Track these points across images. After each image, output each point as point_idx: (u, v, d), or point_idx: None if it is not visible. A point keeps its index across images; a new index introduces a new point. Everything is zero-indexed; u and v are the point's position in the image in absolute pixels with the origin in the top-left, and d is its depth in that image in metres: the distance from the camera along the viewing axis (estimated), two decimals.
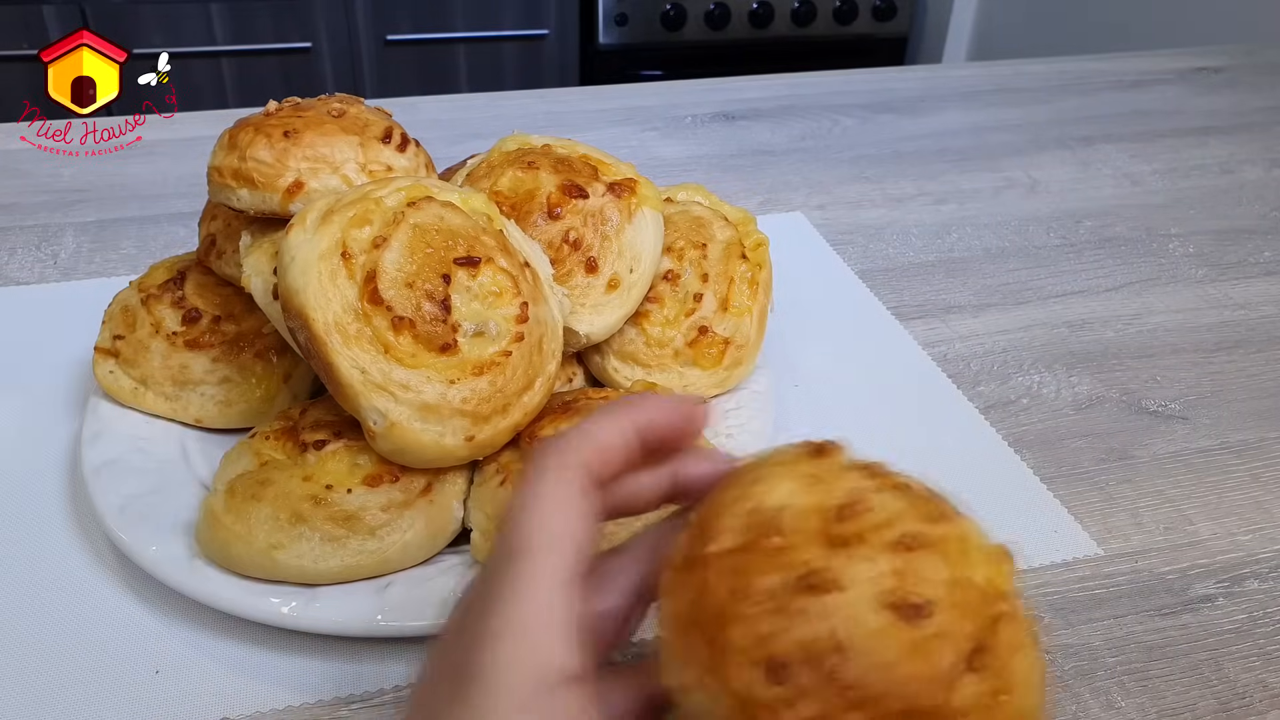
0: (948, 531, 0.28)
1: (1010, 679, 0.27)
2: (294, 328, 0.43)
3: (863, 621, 0.26)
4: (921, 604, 0.26)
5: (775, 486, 0.29)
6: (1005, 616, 0.27)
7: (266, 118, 0.49)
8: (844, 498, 0.28)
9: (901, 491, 0.29)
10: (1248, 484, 0.55)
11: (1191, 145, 1.01)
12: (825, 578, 0.26)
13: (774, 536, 0.27)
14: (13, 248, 0.77)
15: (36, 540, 0.49)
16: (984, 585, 0.28)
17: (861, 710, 0.26)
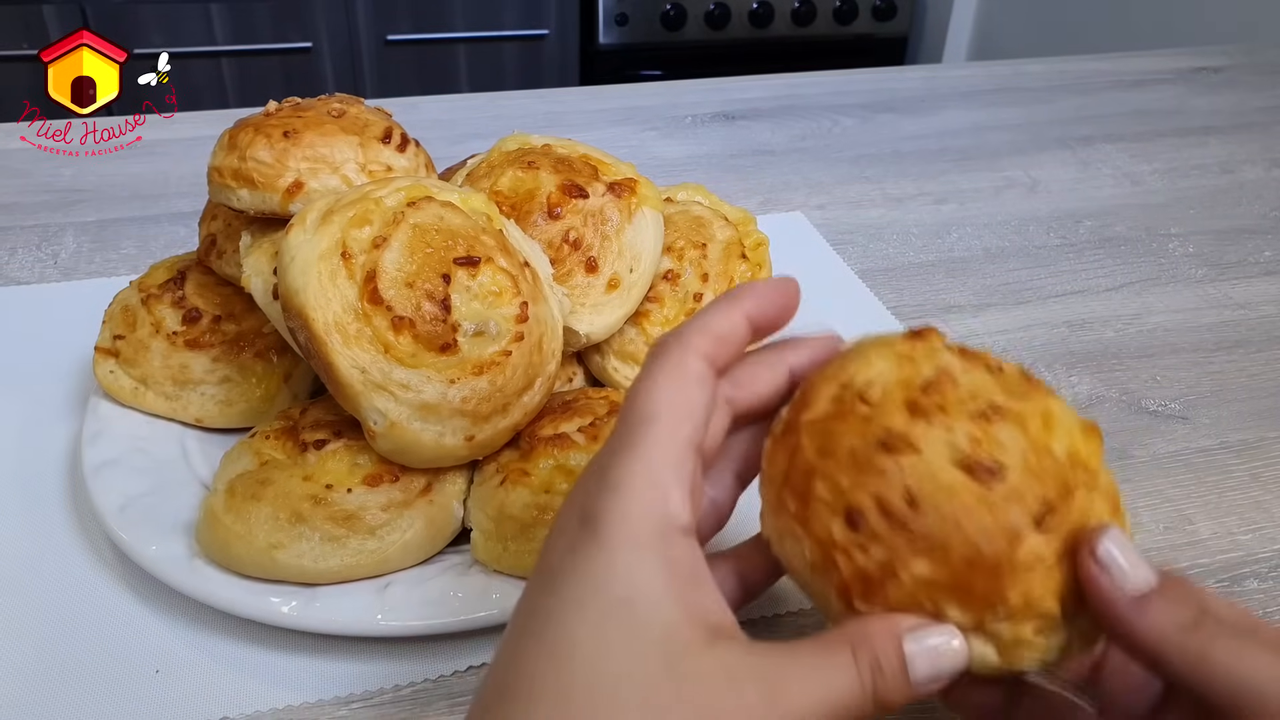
0: (1032, 406, 0.30)
1: (1076, 542, 0.29)
2: (294, 328, 0.43)
3: (935, 478, 0.28)
4: (994, 465, 0.28)
5: (870, 363, 0.32)
6: (1083, 485, 0.29)
7: (266, 118, 0.49)
8: (931, 374, 0.30)
9: (993, 372, 0.31)
10: (1247, 484, 0.55)
11: (1192, 145, 1.01)
12: (903, 440, 0.29)
13: (861, 405, 0.30)
14: (13, 247, 0.77)
15: (37, 540, 0.49)
16: (1063, 456, 0.29)
17: (927, 557, 0.28)
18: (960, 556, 0.28)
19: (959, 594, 0.29)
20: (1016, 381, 0.31)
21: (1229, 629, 0.28)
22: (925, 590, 0.29)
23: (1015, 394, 0.30)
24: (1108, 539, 0.28)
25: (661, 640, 0.26)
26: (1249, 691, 0.27)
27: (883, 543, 0.29)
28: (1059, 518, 0.29)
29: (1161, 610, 0.28)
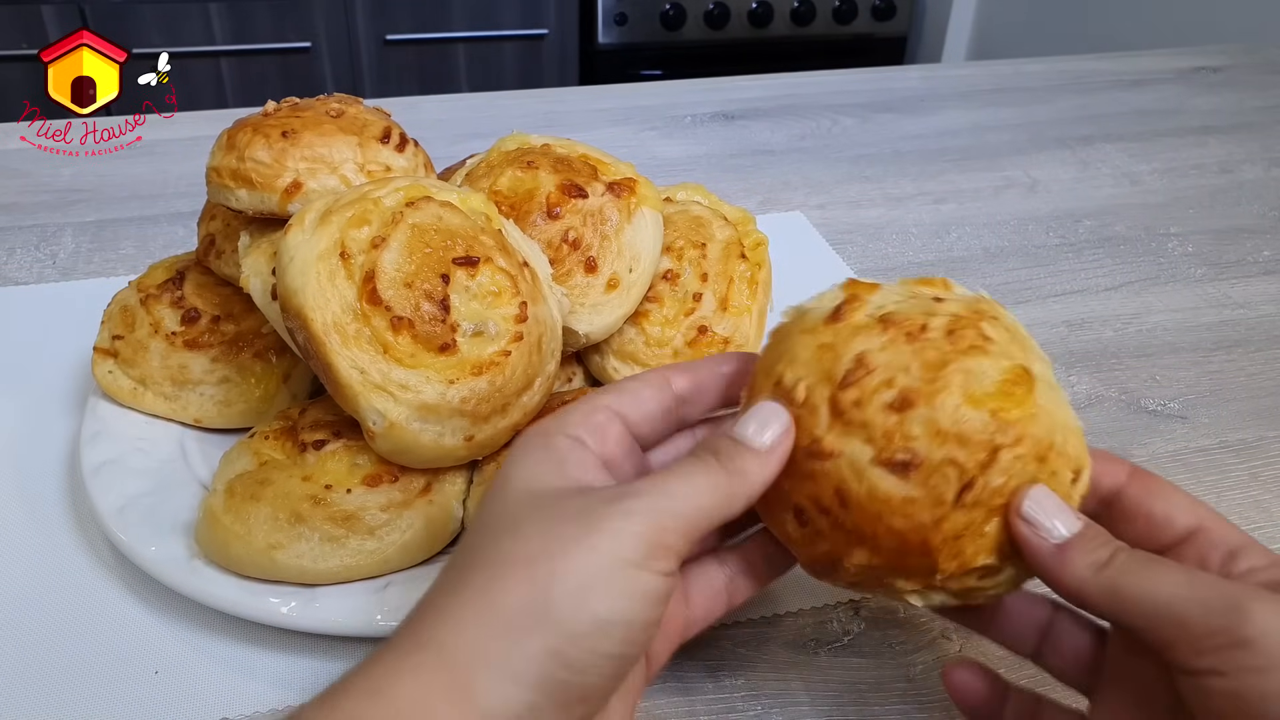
0: (947, 375, 0.31)
1: (1005, 501, 0.32)
2: (293, 328, 0.43)
3: (859, 478, 0.32)
4: (908, 458, 0.31)
5: (795, 358, 0.34)
6: (1005, 446, 0.31)
7: (265, 118, 0.49)
8: (849, 364, 0.32)
9: (914, 339, 0.32)
10: (1246, 483, 0.55)
11: (1191, 145, 1.01)
12: (824, 447, 0.32)
13: (791, 406, 0.33)
14: (12, 247, 0.77)
15: (36, 540, 0.49)
16: (983, 423, 0.31)
17: (863, 547, 0.32)
18: (890, 546, 0.32)
19: (900, 571, 0.33)
20: (938, 344, 0.32)
21: (1138, 560, 0.30)
22: (869, 573, 0.33)
23: (933, 364, 0.32)
24: (1030, 500, 0.31)
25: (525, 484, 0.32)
26: (1160, 609, 0.29)
27: (825, 537, 0.33)
28: (981, 486, 0.31)
29: (1078, 554, 0.31)
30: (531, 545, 0.29)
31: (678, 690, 0.42)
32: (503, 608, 0.28)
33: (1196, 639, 0.28)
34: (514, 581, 0.29)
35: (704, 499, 0.31)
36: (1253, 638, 0.27)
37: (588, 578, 0.29)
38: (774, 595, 0.47)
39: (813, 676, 0.43)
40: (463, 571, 0.30)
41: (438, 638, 0.28)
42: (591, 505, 0.30)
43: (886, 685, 0.43)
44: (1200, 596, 0.28)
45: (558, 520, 0.30)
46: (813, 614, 0.46)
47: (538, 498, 0.31)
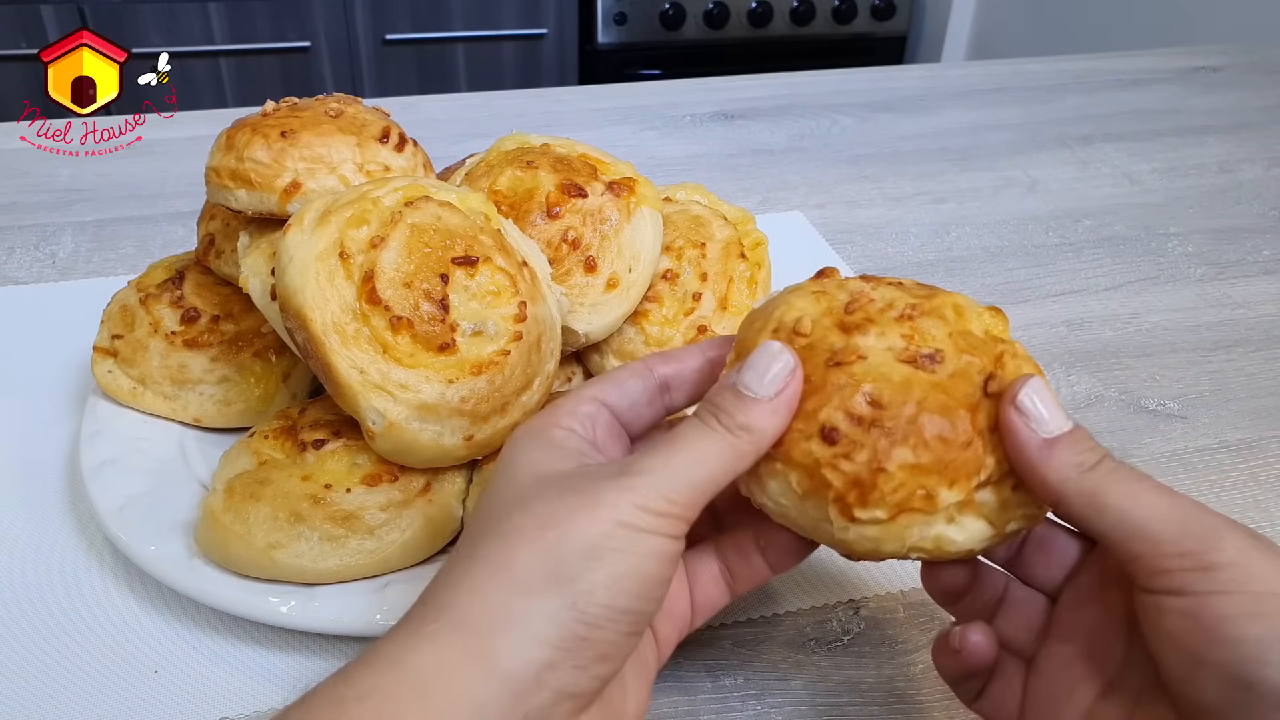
0: (942, 300, 0.34)
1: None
2: (292, 328, 0.43)
3: (888, 377, 0.31)
4: (932, 352, 0.32)
5: (791, 304, 0.34)
6: (1006, 353, 0.33)
7: (264, 118, 0.49)
8: (848, 297, 0.34)
9: (896, 286, 0.35)
10: (1246, 483, 0.55)
11: (1190, 144, 1.01)
12: (849, 351, 0.32)
13: (798, 339, 0.33)
14: (11, 247, 0.77)
15: (35, 540, 0.49)
16: (983, 334, 0.34)
17: (905, 445, 0.31)
18: (935, 436, 0.31)
19: (945, 471, 0.31)
20: (919, 288, 0.35)
21: (1123, 473, 0.30)
22: (914, 476, 0.31)
23: (924, 295, 0.34)
24: (1028, 388, 0.31)
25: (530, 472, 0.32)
26: (1136, 523, 0.29)
27: (863, 446, 0.31)
28: (999, 382, 0.32)
29: (1065, 451, 0.31)
30: (541, 516, 0.30)
31: (677, 689, 0.42)
32: (517, 572, 0.29)
33: (1165, 557, 0.28)
34: (526, 547, 0.29)
35: (709, 466, 0.31)
36: (1221, 563, 0.28)
37: (596, 538, 0.29)
38: (774, 594, 0.47)
39: (812, 676, 0.43)
40: (474, 546, 0.30)
41: (454, 605, 0.29)
42: (594, 480, 0.31)
43: (886, 685, 0.43)
44: (1178, 517, 0.29)
45: (564, 493, 0.30)
46: (812, 613, 0.46)
47: (542, 478, 0.32)
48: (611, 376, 0.36)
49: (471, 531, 0.32)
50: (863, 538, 0.32)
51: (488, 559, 0.29)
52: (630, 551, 0.29)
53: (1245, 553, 0.28)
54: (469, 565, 0.30)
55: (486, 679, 0.27)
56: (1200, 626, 0.28)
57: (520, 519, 0.30)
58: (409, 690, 0.27)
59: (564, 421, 0.34)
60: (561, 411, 0.35)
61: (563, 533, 0.29)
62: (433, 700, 0.27)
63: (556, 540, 0.29)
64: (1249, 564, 0.28)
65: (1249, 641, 0.27)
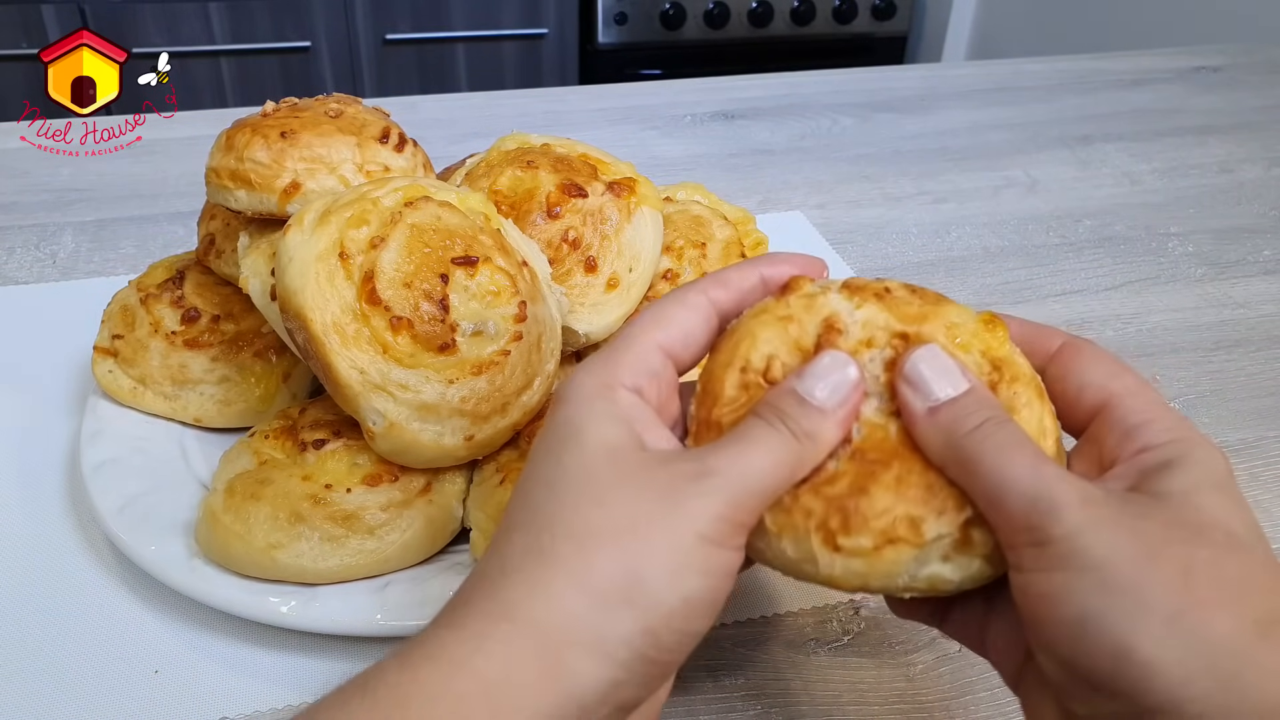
0: (933, 327, 0.31)
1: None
2: (292, 329, 0.43)
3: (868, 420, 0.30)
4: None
5: (756, 338, 0.32)
6: (1000, 383, 0.31)
7: (263, 118, 0.49)
8: (819, 328, 0.31)
9: (880, 299, 0.32)
10: (1247, 483, 0.55)
11: (1191, 144, 1.01)
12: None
13: (766, 384, 0.31)
14: (11, 247, 0.77)
15: (36, 540, 0.49)
16: (980, 357, 0.31)
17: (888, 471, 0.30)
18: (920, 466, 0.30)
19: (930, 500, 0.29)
20: (908, 301, 0.32)
21: (1003, 436, 0.28)
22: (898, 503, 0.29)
23: (910, 318, 0.31)
24: (917, 356, 0.30)
25: (604, 449, 0.30)
26: (993, 492, 0.28)
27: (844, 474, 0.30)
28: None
29: (946, 414, 0.29)
30: (618, 518, 0.28)
31: (677, 690, 0.42)
32: (595, 581, 0.28)
33: (1011, 530, 0.27)
34: (605, 556, 0.28)
35: (779, 470, 0.30)
36: (1055, 537, 0.26)
37: (678, 557, 0.28)
38: (774, 594, 0.47)
39: (812, 676, 0.43)
40: (544, 540, 0.29)
41: (529, 609, 0.28)
42: (674, 482, 0.29)
43: (886, 685, 0.43)
44: (1029, 489, 0.27)
45: (643, 493, 0.29)
46: (813, 614, 0.46)
47: (618, 463, 0.30)
48: (668, 313, 0.33)
49: (542, 513, 0.29)
50: (849, 572, 0.30)
51: (564, 562, 0.28)
52: (708, 572, 0.28)
53: (1080, 523, 0.26)
54: (542, 563, 0.28)
55: (557, 694, 0.27)
56: (1030, 606, 0.27)
57: (598, 518, 0.29)
58: (478, 698, 0.26)
59: (628, 379, 0.32)
60: (625, 364, 0.32)
61: (644, 545, 0.28)
62: (501, 710, 0.26)
63: (637, 553, 0.28)
64: (1084, 535, 0.26)
65: (1071, 621, 0.26)
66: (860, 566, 0.29)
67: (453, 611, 0.29)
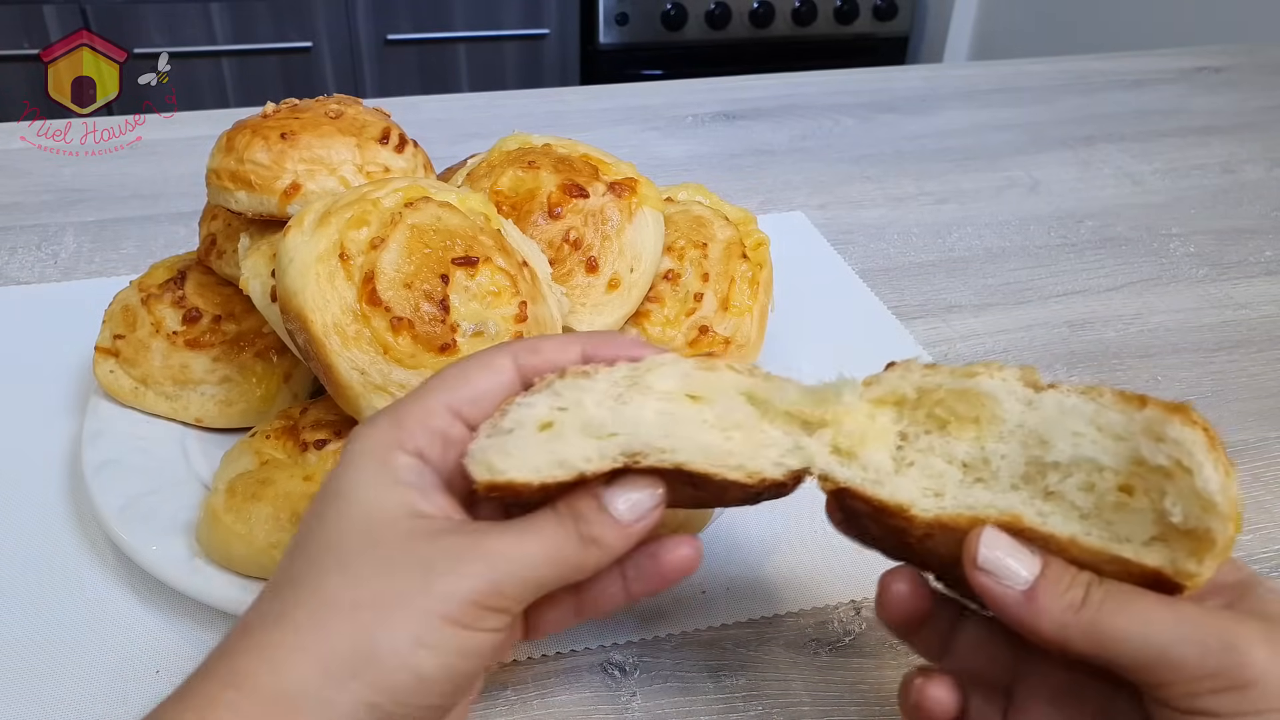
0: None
1: None
2: (293, 329, 0.43)
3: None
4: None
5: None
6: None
7: (264, 120, 0.49)
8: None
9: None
10: (1248, 484, 0.55)
11: (1193, 145, 1.01)
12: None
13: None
14: (13, 247, 0.77)
15: (37, 539, 0.49)
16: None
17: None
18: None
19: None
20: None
21: (1116, 595, 0.28)
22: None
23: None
24: (984, 543, 0.29)
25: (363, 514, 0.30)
26: (1151, 651, 0.28)
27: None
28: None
29: (1049, 597, 0.29)
30: (361, 590, 0.28)
31: (678, 690, 0.42)
32: (325, 655, 0.27)
33: (1193, 680, 0.27)
34: (338, 625, 0.28)
35: (550, 565, 0.30)
36: (1254, 680, 0.27)
37: (415, 635, 0.28)
38: (775, 595, 0.47)
39: (814, 677, 0.43)
40: (286, 605, 0.29)
41: (255, 676, 0.27)
42: (434, 558, 0.29)
43: (887, 685, 0.43)
44: (1195, 637, 0.27)
45: (392, 568, 0.28)
46: (814, 614, 0.46)
47: (374, 531, 0.29)
48: (465, 374, 0.32)
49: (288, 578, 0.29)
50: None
51: (297, 629, 0.28)
52: (447, 650, 0.28)
53: (1273, 663, 0.27)
54: (276, 631, 0.28)
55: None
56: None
57: (338, 586, 0.28)
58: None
59: (410, 442, 0.31)
60: (409, 424, 0.31)
61: (380, 619, 0.27)
62: None
63: (371, 625, 0.27)
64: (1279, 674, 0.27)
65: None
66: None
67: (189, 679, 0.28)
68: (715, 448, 0.30)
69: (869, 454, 0.32)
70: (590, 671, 0.43)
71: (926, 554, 0.32)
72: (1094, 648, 0.28)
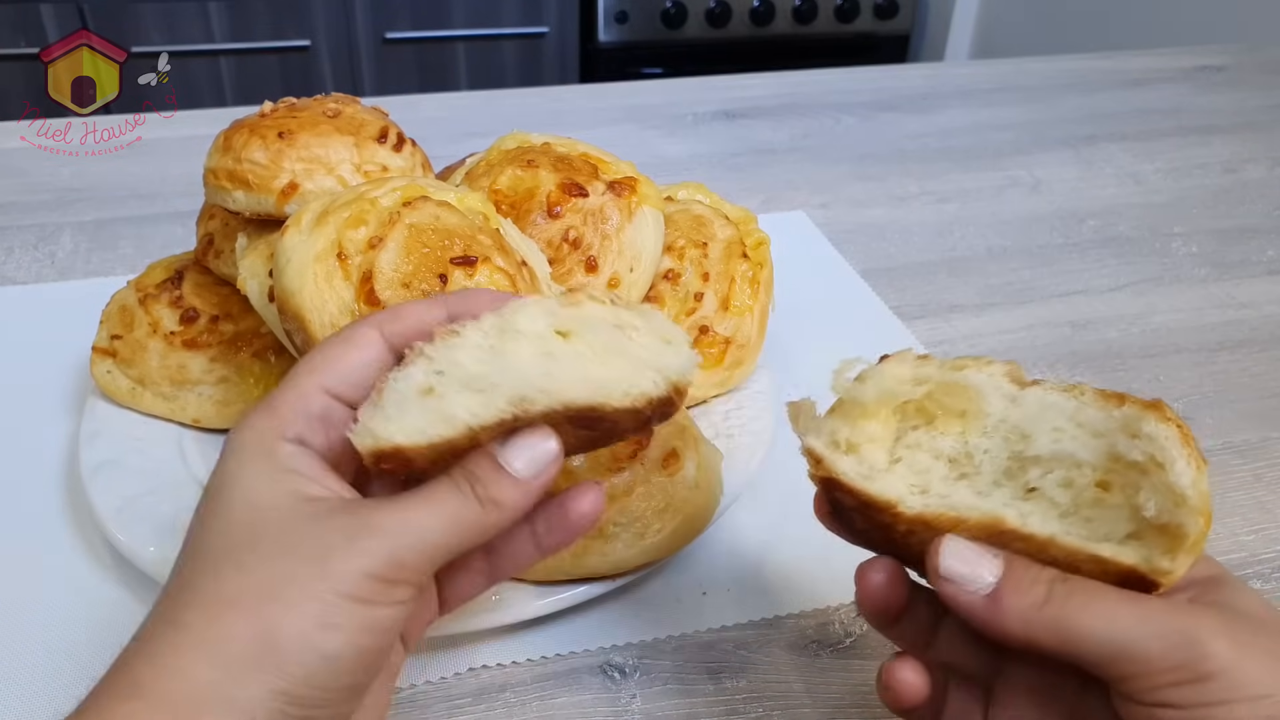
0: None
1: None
2: (290, 330, 0.42)
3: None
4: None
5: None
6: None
7: (261, 119, 0.49)
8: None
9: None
10: (1250, 484, 0.55)
11: (1194, 144, 1.01)
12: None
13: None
14: (10, 247, 0.76)
15: (34, 540, 0.48)
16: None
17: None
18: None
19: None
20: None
21: (1078, 591, 0.29)
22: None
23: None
24: (945, 552, 0.30)
25: (248, 507, 0.29)
26: (1115, 645, 0.28)
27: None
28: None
29: (1012, 597, 0.29)
30: (255, 580, 0.27)
31: (679, 692, 0.42)
32: (225, 651, 0.27)
33: (1156, 674, 0.27)
34: (236, 622, 0.27)
35: (450, 532, 0.29)
36: (1214, 672, 0.27)
37: (317, 616, 0.27)
38: (776, 597, 0.47)
39: (815, 678, 0.43)
40: (179, 608, 0.28)
41: (154, 684, 0.27)
42: (326, 538, 0.28)
43: None
44: (1157, 631, 0.28)
45: (286, 553, 0.28)
46: (815, 616, 0.46)
47: (262, 520, 0.29)
48: (332, 353, 0.32)
49: (181, 580, 0.29)
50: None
51: (194, 631, 0.27)
52: (352, 628, 0.28)
53: (1233, 655, 0.27)
54: (172, 635, 0.27)
55: None
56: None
57: (233, 582, 0.27)
58: None
59: (290, 429, 0.30)
60: (285, 412, 0.31)
61: (280, 607, 0.27)
62: None
63: (272, 617, 0.27)
64: (1240, 668, 0.27)
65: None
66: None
67: (92, 694, 0.28)
68: (597, 377, 0.30)
69: (869, 450, 0.32)
70: (590, 673, 0.43)
71: (910, 549, 0.32)
72: (1059, 644, 0.29)
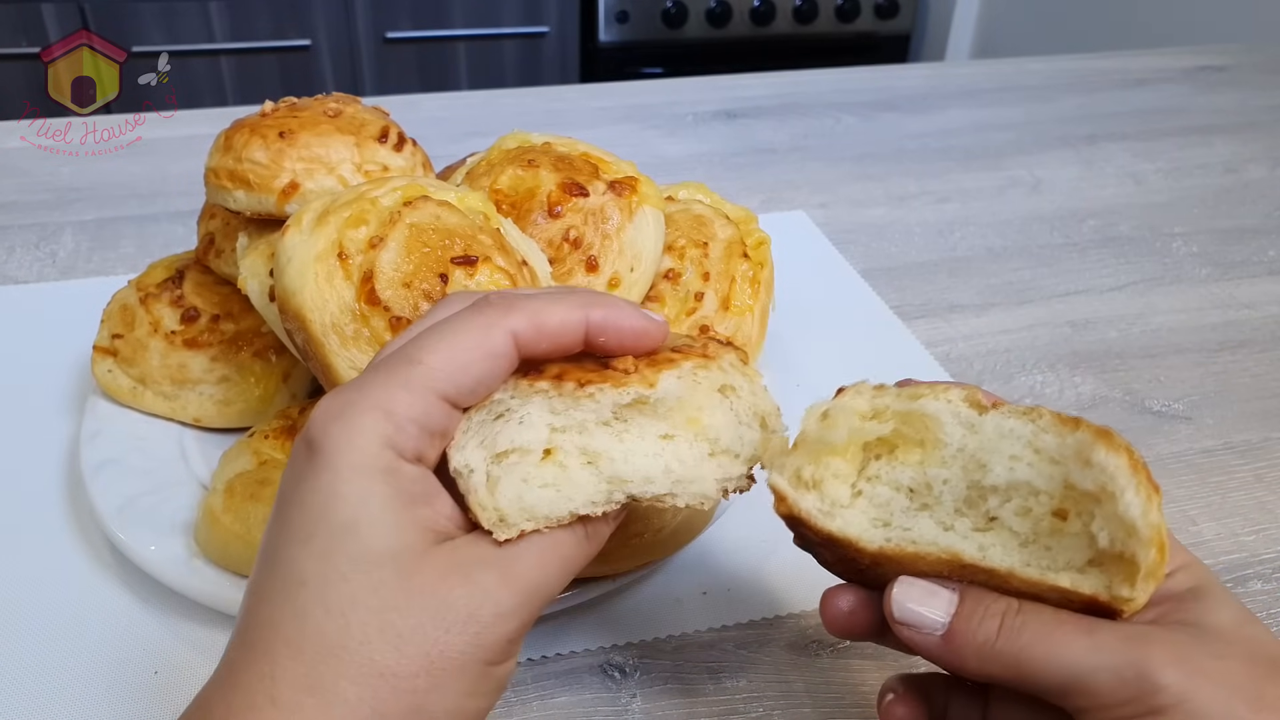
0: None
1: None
2: (291, 329, 0.42)
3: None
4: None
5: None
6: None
7: (262, 118, 0.49)
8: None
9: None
10: (1251, 484, 0.55)
11: (1195, 144, 1.01)
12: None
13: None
14: (11, 246, 0.76)
15: (35, 540, 0.48)
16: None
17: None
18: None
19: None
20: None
21: (1031, 621, 0.28)
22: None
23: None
24: (896, 598, 0.30)
25: (390, 555, 0.26)
26: (1067, 677, 0.28)
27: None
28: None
29: (964, 634, 0.29)
30: (412, 655, 0.26)
31: (679, 692, 0.42)
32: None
33: (1110, 707, 0.27)
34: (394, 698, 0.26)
35: (567, 576, 0.30)
36: (1166, 706, 0.27)
37: (467, 691, 0.27)
38: (776, 597, 0.47)
39: (815, 678, 0.43)
40: (330, 675, 0.26)
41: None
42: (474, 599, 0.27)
43: None
44: (1108, 664, 0.27)
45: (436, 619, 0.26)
46: (815, 616, 0.46)
47: (406, 577, 0.26)
48: (460, 356, 0.28)
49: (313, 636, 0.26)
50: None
51: (348, 707, 0.25)
52: (487, 693, 0.28)
53: (1185, 686, 0.27)
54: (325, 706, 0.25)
55: None
56: None
57: (390, 659, 0.26)
58: None
59: (409, 444, 0.27)
60: (404, 421, 0.27)
61: (433, 683, 0.26)
62: None
63: (427, 692, 0.26)
64: (1194, 699, 0.27)
65: None
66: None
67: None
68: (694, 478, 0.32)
69: (832, 485, 0.32)
70: (590, 673, 0.43)
71: (878, 579, 0.32)
72: (1015, 678, 0.29)
